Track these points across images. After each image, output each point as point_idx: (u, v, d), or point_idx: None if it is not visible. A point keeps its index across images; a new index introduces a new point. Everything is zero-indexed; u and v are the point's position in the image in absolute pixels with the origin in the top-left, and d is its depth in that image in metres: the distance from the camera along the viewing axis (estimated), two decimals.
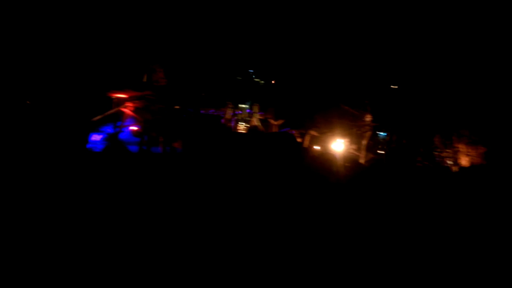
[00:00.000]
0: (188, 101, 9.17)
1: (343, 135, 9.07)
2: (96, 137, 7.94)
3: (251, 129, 9.81)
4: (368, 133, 9.06)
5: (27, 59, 7.39)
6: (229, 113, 10.02)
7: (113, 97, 8.39)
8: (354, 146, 9.04)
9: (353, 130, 9.23)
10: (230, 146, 8.73)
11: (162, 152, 8.16)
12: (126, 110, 8.61)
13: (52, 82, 7.74)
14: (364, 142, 8.98)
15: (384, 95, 10.01)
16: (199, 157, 8.15)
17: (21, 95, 7.36)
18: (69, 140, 6.67)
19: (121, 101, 8.53)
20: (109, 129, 8.58)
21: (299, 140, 9.60)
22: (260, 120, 9.99)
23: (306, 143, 9.68)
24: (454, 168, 8.47)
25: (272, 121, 10.02)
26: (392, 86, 10.17)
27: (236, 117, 10.15)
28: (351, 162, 8.11)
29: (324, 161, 8.72)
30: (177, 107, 8.85)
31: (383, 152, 9.09)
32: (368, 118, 9.13)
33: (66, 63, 7.91)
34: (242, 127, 10.06)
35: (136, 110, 8.56)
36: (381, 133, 9.51)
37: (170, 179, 5.37)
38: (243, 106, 10.43)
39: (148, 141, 8.20)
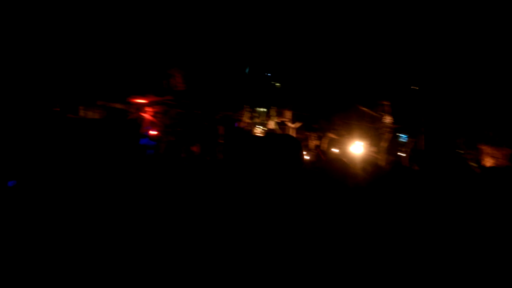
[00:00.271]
0: (206, 105, 9.24)
1: (362, 138, 8.94)
2: (117, 142, 8.05)
3: (268, 133, 9.78)
4: (388, 135, 8.89)
5: (52, 67, 7.59)
6: (246, 116, 10.03)
7: (133, 103, 8.52)
8: (373, 149, 8.90)
9: (372, 132, 9.09)
10: (247, 149, 8.75)
11: (180, 156, 8.23)
12: (146, 115, 8.72)
13: (75, 89, 7.92)
14: (384, 144, 8.83)
15: (405, 96, 9.84)
16: (217, 161, 8.19)
17: (49, 102, 7.58)
18: (90, 145, 6.79)
19: (141, 106, 8.66)
20: (128, 135, 8.70)
21: (316, 143, 9.53)
22: (278, 123, 9.97)
23: (324, 146, 9.59)
24: (478, 170, 8.22)
25: (290, 124, 9.98)
26: (412, 87, 9.98)
27: (253, 121, 10.15)
28: (371, 165, 7.98)
29: (343, 164, 8.63)
30: (196, 111, 8.92)
31: (404, 154, 8.90)
32: (388, 120, 8.97)
33: (88, 70, 8.08)
34: (259, 130, 10.05)
35: (155, 115, 8.67)
36: (402, 135, 9.33)
37: (188, 182, 5.41)
38: (260, 109, 10.42)
39: (167, 145, 8.29)
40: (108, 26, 8.03)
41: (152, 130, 8.96)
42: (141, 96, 8.32)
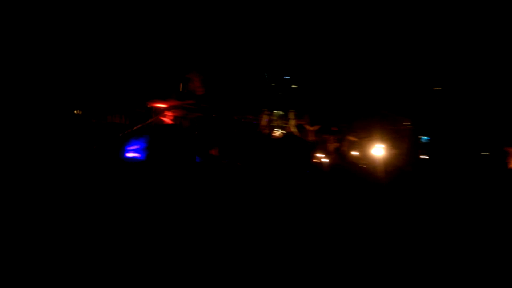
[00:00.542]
0: (224, 108, 9.30)
1: (383, 140, 8.79)
2: (136, 146, 8.20)
3: (287, 136, 9.75)
4: (410, 138, 8.72)
5: (74, 71, 7.79)
6: (265, 119, 10.03)
7: (153, 107, 8.66)
8: (394, 151, 8.73)
9: (393, 134, 8.93)
10: (266, 151, 8.74)
11: (200, 159, 8.29)
12: (165, 119, 8.85)
13: (96, 93, 8.10)
14: (406, 146, 8.65)
15: (427, 97, 9.63)
16: (236, 164, 8.21)
17: (69, 105, 7.80)
18: (111, 149, 6.94)
19: (161, 111, 8.79)
20: (148, 139, 8.84)
21: (336, 145, 9.42)
22: (296, 126, 9.92)
23: (344, 148, 9.48)
24: (503, 173, 7.95)
25: (308, 127, 9.91)
26: (435, 88, 9.77)
27: (271, 124, 10.13)
28: (392, 167, 7.84)
29: (363, 167, 8.50)
30: (215, 115, 8.99)
31: (426, 157, 8.71)
32: (409, 121, 8.80)
33: (109, 75, 8.25)
34: (278, 133, 10.02)
35: (175, 119, 8.79)
36: (424, 137, 9.13)
37: (208, 185, 5.45)
38: (279, 112, 10.39)
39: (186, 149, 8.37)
40: (127, 32, 8.20)
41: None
42: (161, 100, 8.45)
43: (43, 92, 7.28)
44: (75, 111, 8.07)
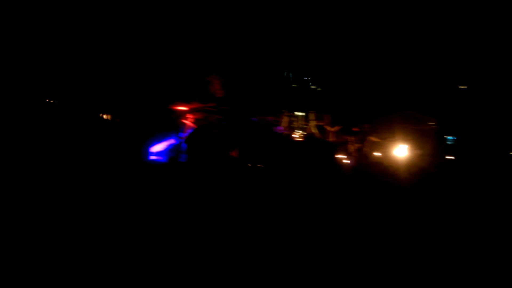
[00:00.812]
0: (245, 110, 9.32)
1: (406, 140, 8.60)
2: (158, 148, 8.32)
3: (308, 137, 9.69)
4: (434, 138, 8.50)
5: (100, 74, 7.98)
6: (285, 121, 10.00)
7: (175, 110, 8.78)
8: (418, 152, 8.53)
9: (417, 134, 8.73)
10: (287, 153, 8.70)
11: (220, 161, 8.34)
12: (187, 122, 8.96)
13: (121, 97, 8.26)
14: (430, 147, 8.44)
15: (452, 96, 9.38)
16: (257, 165, 8.20)
17: (97, 108, 8.01)
18: (134, 152, 7.07)
19: (182, 113, 8.90)
20: (171, 141, 8.97)
21: (357, 146, 9.29)
22: (317, 127, 9.84)
23: (366, 149, 9.34)
24: None
25: (329, 128, 9.82)
26: (460, 86, 9.50)
27: (292, 125, 10.09)
28: (416, 169, 7.67)
29: (386, 168, 8.34)
30: (235, 117, 9.02)
31: (452, 157, 8.47)
32: (434, 121, 8.58)
33: (133, 80, 8.40)
34: (298, 134, 9.97)
35: (196, 121, 8.88)
36: (449, 137, 8.88)
37: (229, 186, 5.48)
38: (299, 113, 10.34)
39: (207, 151, 8.43)
40: (148, 38, 8.34)
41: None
42: (183, 103, 8.55)
43: (73, 96, 7.50)
44: (100, 115, 8.28)
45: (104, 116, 8.12)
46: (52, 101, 7.44)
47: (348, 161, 9.04)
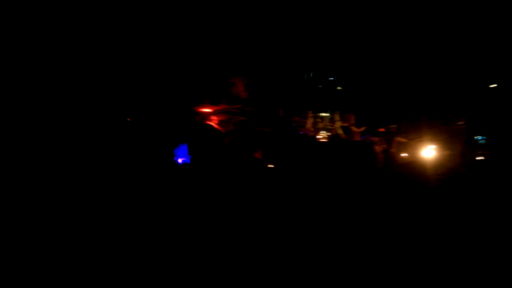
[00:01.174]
0: (269, 112, 9.35)
1: (435, 141, 8.39)
2: (183, 150, 8.48)
3: (333, 138, 9.61)
4: (463, 138, 8.25)
5: (126, 83, 8.22)
6: (310, 122, 9.96)
7: (199, 111, 8.91)
8: (447, 153, 8.30)
9: (446, 135, 8.50)
10: (312, 154, 8.67)
11: (244, 162, 8.41)
12: (211, 124, 9.08)
13: (146, 101, 8.47)
14: (459, 147, 8.19)
15: (482, 96, 9.08)
16: (282, 167, 8.21)
17: (122, 113, 8.24)
18: (159, 153, 7.23)
19: (206, 115, 9.03)
20: (194, 143, 9.11)
21: (384, 147, 9.13)
22: (342, 127, 9.75)
23: (393, 150, 9.16)
24: None
25: (354, 128, 9.72)
26: (490, 86, 9.18)
27: (317, 126, 10.03)
28: (445, 170, 7.47)
29: (414, 169, 8.17)
30: (258, 118, 9.06)
31: (481, 158, 8.19)
32: (463, 121, 8.34)
33: (158, 83, 8.59)
34: (323, 135, 9.90)
35: (220, 123, 8.99)
36: (479, 137, 8.59)
37: (253, 188, 5.53)
38: (324, 114, 10.27)
39: (231, 152, 8.52)
40: (173, 45, 8.51)
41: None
42: (209, 105, 8.68)
43: (102, 101, 7.76)
44: (128, 119, 8.51)
45: (130, 119, 8.34)
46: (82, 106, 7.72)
47: (375, 162, 8.91)
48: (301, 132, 10.39)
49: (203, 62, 8.80)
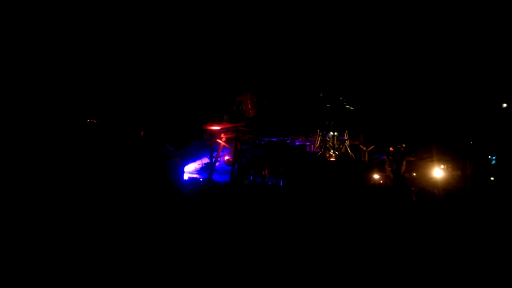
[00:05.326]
0: (277, 130, 9.38)
1: (445, 161, 8.29)
2: (194, 167, 8.55)
3: (342, 156, 9.56)
4: (474, 158, 8.11)
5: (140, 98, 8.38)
6: (319, 140, 9.95)
7: (208, 129, 9.01)
8: (457, 173, 8.17)
9: (456, 154, 8.37)
10: (321, 173, 8.62)
11: (252, 180, 8.41)
12: (220, 141, 9.15)
13: (157, 118, 8.60)
14: (470, 167, 8.06)
15: (494, 115, 8.95)
16: (292, 185, 8.18)
17: (136, 128, 8.40)
18: (169, 169, 7.31)
19: (216, 133, 9.12)
20: (205, 159, 9.19)
21: (394, 166, 9.03)
22: (350, 146, 9.72)
23: (403, 169, 9.06)
24: None
25: (363, 147, 9.68)
26: (504, 105, 9.06)
27: (326, 145, 10.02)
28: (455, 190, 7.33)
29: (423, 189, 8.03)
30: (266, 137, 9.10)
31: (493, 178, 8.03)
32: (474, 141, 8.21)
33: (168, 100, 8.73)
34: (332, 154, 9.87)
35: (228, 140, 9.05)
36: (492, 157, 8.43)
37: (263, 205, 5.53)
38: (333, 133, 10.26)
39: (240, 169, 8.54)
40: (180, 56, 8.69)
41: (227, 156, 9.30)
42: (215, 123, 8.78)
43: (114, 118, 7.92)
44: (141, 133, 8.66)
45: (141, 134, 8.49)
46: (95, 120, 7.89)
47: (382, 182, 8.82)
48: (309, 151, 10.37)
49: (213, 79, 8.94)
